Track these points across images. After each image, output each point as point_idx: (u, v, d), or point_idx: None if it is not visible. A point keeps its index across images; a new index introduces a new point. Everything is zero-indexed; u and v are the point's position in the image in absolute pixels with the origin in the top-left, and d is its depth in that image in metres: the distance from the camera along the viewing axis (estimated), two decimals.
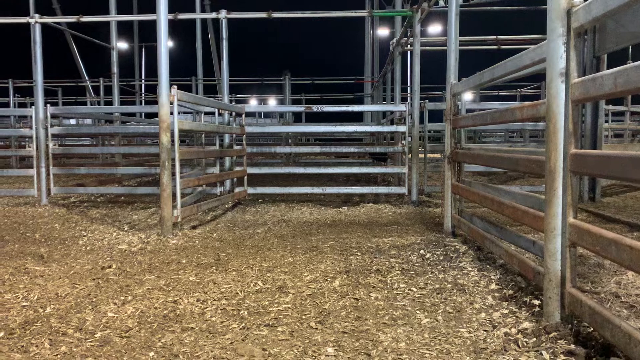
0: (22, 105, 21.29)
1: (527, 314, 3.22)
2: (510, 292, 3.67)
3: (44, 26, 9.28)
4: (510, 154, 4.22)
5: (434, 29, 19.02)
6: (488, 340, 2.92)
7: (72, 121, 19.08)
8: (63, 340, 2.99)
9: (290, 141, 16.09)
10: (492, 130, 15.61)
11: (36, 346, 2.91)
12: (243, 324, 3.22)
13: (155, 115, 13.96)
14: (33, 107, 8.93)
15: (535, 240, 3.91)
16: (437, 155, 13.47)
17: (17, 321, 3.29)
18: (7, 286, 4.04)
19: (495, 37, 10.81)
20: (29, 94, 21.10)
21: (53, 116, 9.25)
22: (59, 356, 2.79)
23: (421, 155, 9.49)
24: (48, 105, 9.02)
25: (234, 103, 10.98)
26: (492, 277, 4.06)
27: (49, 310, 3.50)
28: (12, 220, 7.28)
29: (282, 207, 8.37)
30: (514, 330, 2.99)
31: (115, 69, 14.29)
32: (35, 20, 9.07)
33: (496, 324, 3.12)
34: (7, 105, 20.27)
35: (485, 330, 3.05)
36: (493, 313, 3.31)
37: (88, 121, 17.78)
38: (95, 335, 3.06)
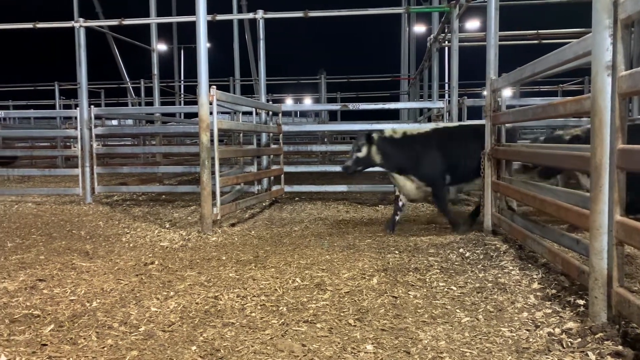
0: (67, 106, 21.99)
1: (572, 314, 3.14)
2: (553, 291, 3.59)
3: (87, 30, 9.56)
4: (553, 150, 4.12)
5: (472, 24, 18.70)
6: (531, 340, 2.86)
7: (114, 122, 19.60)
8: (109, 334, 3.09)
9: (326, 140, 16.11)
10: (532, 127, 15.25)
11: (84, 339, 3.02)
12: (282, 320, 3.25)
13: (194, 115, 14.20)
14: (78, 108, 9.22)
15: (580, 239, 3.80)
16: None
17: (65, 314, 3.41)
18: (56, 281, 4.19)
19: (535, 31, 10.54)
20: (74, 96, 21.78)
21: (97, 117, 9.53)
22: (105, 349, 2.88)
23: None
24: (92, 106, 9.30)
25: (270, 102, 11.07)
26: (534, 276, 3.97)
27: (95, 304, 3.61)
28: (58, 218, 7.54)
29: (318, 205, 8.40)
30: (557, 330, 2.92)
31: (155, 70, 14.61)
32: (80, 24, 9.37)
33: (539, 324, 3.06)
34: (53, 107, 20.99)
35: (527, 330, 3.00)
36: (535, 312, 3.25)
37: (129, 122, 18.24)
38: (140, 329, 3.15)
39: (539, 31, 10.52)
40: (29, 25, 9.94)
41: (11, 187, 11.54)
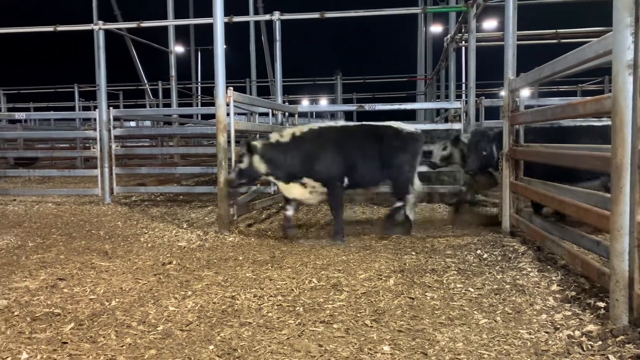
0: (86, 108, 22.27)
1: (592, 316, 3.10)
2: (573, 293, 3.54)
3: (106, 32, 9.68)
4: (572, 151, 4.07)
5: (489, 24, 18.55)
6: (550, 342, 2.83)
7: (132, 123, 19.83)
8: (128, 332, 3.13)
9: None
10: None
11: (103, 337, 3.06)
12: (299, 320, 3.26)
13: (211, 117, 14.24)
14: (97, 110, 9.34)
15: (600, 240, 3.75)
16: None
17: (85, 313, 3.46)
18: (76, 280, 4.25)
19: (554, 30, 10.41)
20: (93, 98, 22.06)
21: (115, 118, 9.64)
22: (124, 347, 2.92)
23: None
24: (111, 108, 9.41)
25: (286, 103, 11.10)
26: (553, 278, 3.92)
27: (114, 303, 3.66)
28: (78, 218, 7.64)
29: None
30: (577, 333, 2.89)
31: (173, 72, 14.71)
32: (99, 26, 9.49)
33: (558, 326, 3.02)
34: (72, 108, 21.28)
35: (546, 332, 2.96)
36: (555, 315, 3.21)
37: (147, 123, 18.42)
38: (158, 328, 3.18)
39: (558, 30, 10.39)
40: (50, 29, 10.09)
41: (32, 187, 11.72)
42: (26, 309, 3.53)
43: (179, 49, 21.96)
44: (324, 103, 28.37)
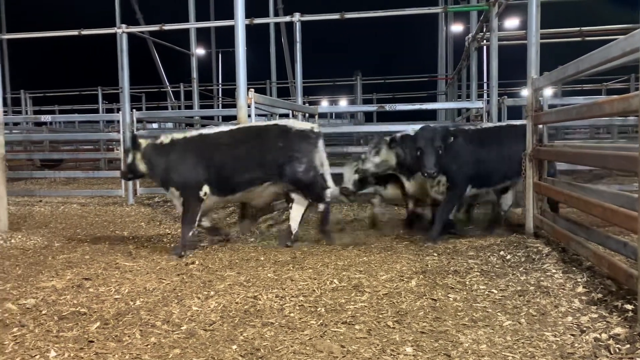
0: (109, 110, 22.62)
1: (619, 319, 3.04)
2: (599, 295, 3.48)
3: (129, 35, 9.82)
4: (598, 151, 4.00)
5: (511, 22, 18.33)
6: (576, 345, 2.79)
7: (155, 125, 20.02)
8: (152, 332, 3.17)
9: (361, 141, 16.06)
10: (575, 127, 14.76)
11: (128, 336, 3.10)
12: (321, 321, 3.26)
13: (232, 118, 14.31)
14: (120, 112, 9.48)
15: (627, 242, 3.69)
16: None
17: (110, 312, 3.52)
18: (101, 280, 4.32)
19: (578, 28, 10.25)
20: (116, 100, 22.37)
21: (138, 120, 9.78)
22: (149, 346, 2.96)
23: None
24: (134, 110, 9.55)
25: (306, 104, 11.12)
26: (579, 279, 3.86)
27: (138, 303, 3.71)
28: (102, 219, 7.77)
29: (354, 207, 8.37)
30: (604, 336, 2.84)
31: (194, 74, 14.86)
32: (122, 30, 9.63)
33: (584, 329, 2.98)
34: (96, 111, 21.64)
35: (572, 335, 2.92)
36: (581, 317, 3.16)
37: (169, 125, 18.62)
38: (182, 328, 3.22)
39: (582, 28, 10.23)
40: (74, 33, 10.28)
41: (57, 188, 11.94)
42: (53, 308, 3.60)
43: (200, 51, 22.13)
44: (343, 103, 28.35)
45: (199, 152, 5.43)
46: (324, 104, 25.87)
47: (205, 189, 5.36)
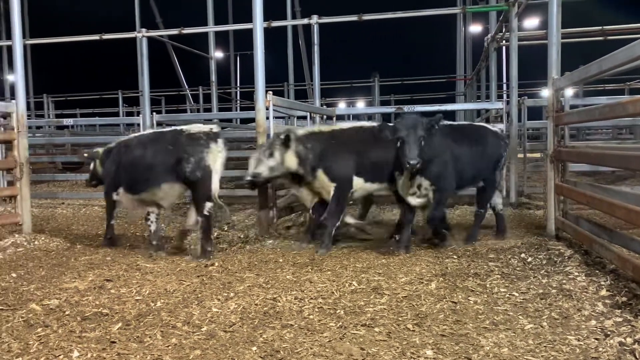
0: (129, 114, 22.89)
1: None
2: (624, 299, 3.42)
3: (148, 39, 9.93)
4: (621, 152, 3.93)
5: (531, 22, 18.14)
6: (600, 349, 2.74)
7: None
8: (173, 333, 3.20)
9: None
10: (597, 128, 14.51)
11: (149, 337, 3.13)
12: (340, 323, 3.26)
13: (250, 120, 14.36)
14: (140, 115, 9.60)
15: None
16: (536, 155, 12.80)
17: (132, 313, 3.56)
18: (122, 281, 4.37)
19: (600, 27, 10.09)
20: (136, 104, 22.64)
21: (158, 123, 9.87)
22: (170, 347, 2.99)
23: (520, 155, 9.08)
24: (154, 113, 9.65)
25: (324, 106, 11.12)
26: (602, 282, 3.80)
27: (159, 304, 3.74)
28: (122, 220, 7.85)
29: (373, 209, 8.34)
30: (629, 340, 2.79)
31: (213, 77, 14.96)
32: (142, 34, 9.75)
33: (609, 333, 2.93)
34: (117, 114, 21.94)
35: (596, 339, 2.87)
36: (605, 321, 3.11)
37: None
38: (202, 329, 3.24)
39: (604, 27, 10.07)
40: (95, 37, 10.44)
41: (79, 191, 12.10)
42: (76, 309, 3.66)
43: (218, 54, 22.29)
44: (361, 105, 28.30)
45: (120, 153, 5.57)
46: (342, 106, 25.86)
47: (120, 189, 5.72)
